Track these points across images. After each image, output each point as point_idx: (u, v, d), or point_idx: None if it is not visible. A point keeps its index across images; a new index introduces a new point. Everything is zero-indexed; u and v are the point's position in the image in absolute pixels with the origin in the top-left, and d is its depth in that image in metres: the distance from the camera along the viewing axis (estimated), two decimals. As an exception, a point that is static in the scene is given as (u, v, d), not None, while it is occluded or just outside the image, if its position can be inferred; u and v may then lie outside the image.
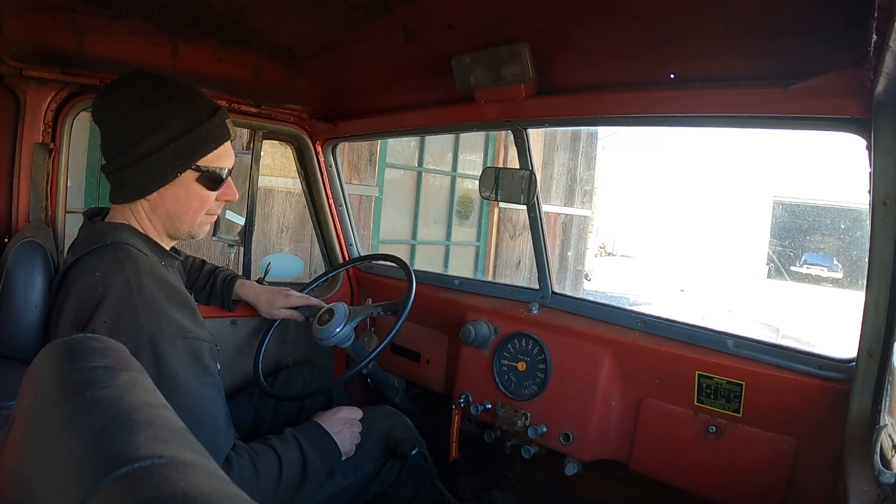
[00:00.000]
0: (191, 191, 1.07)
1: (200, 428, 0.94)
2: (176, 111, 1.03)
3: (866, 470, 0.78)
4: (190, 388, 0.94)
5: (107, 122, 1.04)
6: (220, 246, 3.25)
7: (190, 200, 1.07)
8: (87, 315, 0.94)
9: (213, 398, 0.99)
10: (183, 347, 0.95)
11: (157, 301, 0.96)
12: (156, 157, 1.01)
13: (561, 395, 1.36)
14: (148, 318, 0.93)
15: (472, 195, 5.74)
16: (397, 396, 1.59)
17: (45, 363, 0.52)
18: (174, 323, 0.95)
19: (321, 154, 1.89)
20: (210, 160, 1.07)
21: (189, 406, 0.93)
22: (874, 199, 0.89)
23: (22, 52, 1.24)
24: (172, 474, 0.34)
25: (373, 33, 1.18)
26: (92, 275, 0.97)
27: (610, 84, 1.22)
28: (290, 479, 1.07)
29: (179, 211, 1.08)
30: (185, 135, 1.02)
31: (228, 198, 1.14)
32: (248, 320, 1.69)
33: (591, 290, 9.00)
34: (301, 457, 1.10)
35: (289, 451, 1.09)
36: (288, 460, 1.08)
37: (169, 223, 1.09)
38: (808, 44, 0.91)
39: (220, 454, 0.97)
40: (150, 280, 0.98)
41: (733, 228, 14.40)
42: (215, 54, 1.32)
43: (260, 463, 1.04)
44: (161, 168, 1.03)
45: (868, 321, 0.93)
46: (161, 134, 1.01)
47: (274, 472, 1.05)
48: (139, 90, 1.02)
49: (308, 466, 1.10)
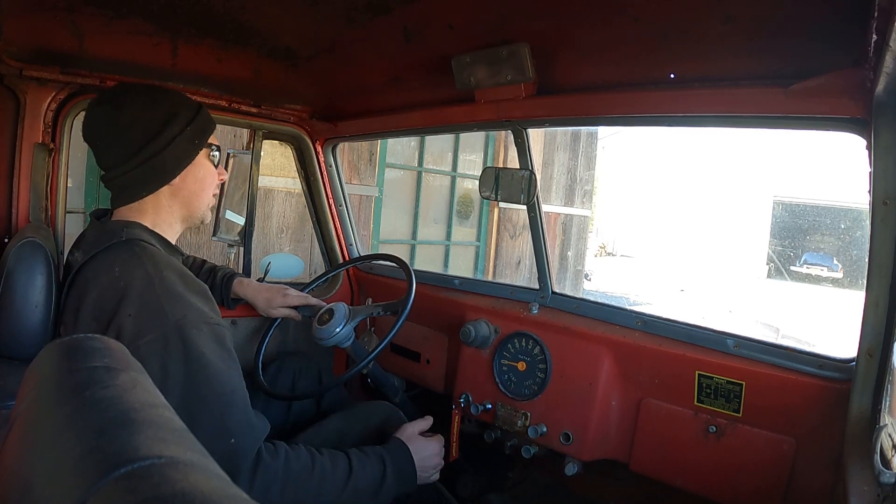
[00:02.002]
0: (205, 168, 1.16)
1: (232, 409, 0.95)
2: (178, 102, 1.12)
3: (866, 470, 0.78)
4: (219, 369, 0.95)
5: (118, 126, 1.06)
6: (220, 246, 3.25)
7: (206, 178, 1.16)
8: (110, 310, 0.95)
9: (241, 381, 1.00)
10: (208, 332, 0.96)
11: (179, 290, 0.98)
12: (180, 139, 1.09)
13: (561, 395, 1.36)
14: (172, 307, 0.95)
15: (472, 195, 5.74)
16: (397, 396, 1.59)
17: (45, 363, 0.52)
18: (197, 309, 0.97)
19: (321, 154, 1.89)
20: (212, 140, 1.17)
21: (220, 387, 0.95)
22: (874, 199, 0.89)
23: (22, 52, 1.24)
24: (172, 474, 0.34)
25: (373, 33, 1.18)
26: (111, 271, 0.99)
27: (610, 84, 1.22)
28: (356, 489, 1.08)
29: (198, 190, 1.16)
30: (195, 117, 1.12)
31: (223, 177, 1.25)
32: (247, 320, 1.69)
33: (592, 289, 9.00)
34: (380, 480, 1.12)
35: (367, 467, 1.11)
36: (363, 476, 1.09)
37: (188, 206, 1.15)
38: (808, 44, 0.91)
39: (254, 436, 0.98)
40: (169, 271, 1.00)
41: (733, 228, 14.39)
42: (215, 54, 1.32)
43: (321, 461, 1.05)
44: (186, 148, 1.11)
45: (868, 321, 0.93)
46: (179, 120, 1.10)
47: (341, 475, 1.06)
48: (138, 92, 1.10)
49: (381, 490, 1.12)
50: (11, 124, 1.30)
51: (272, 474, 0.99)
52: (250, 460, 0.96)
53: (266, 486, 0.97)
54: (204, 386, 0.93)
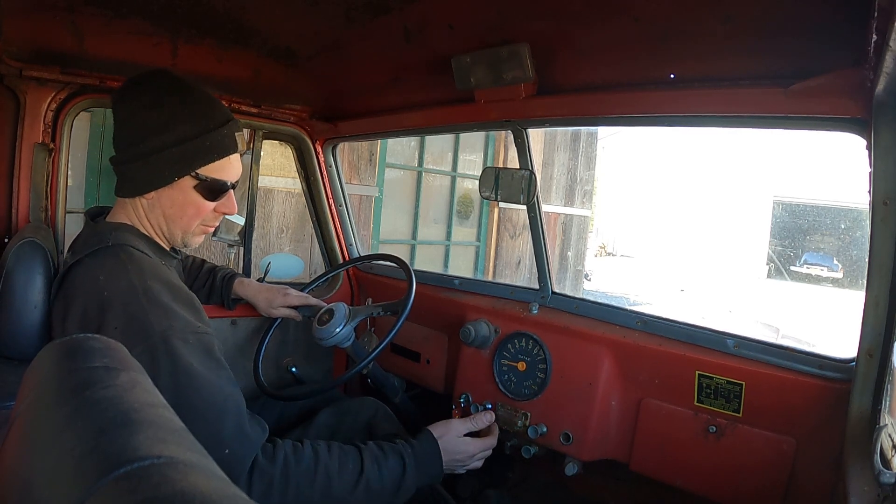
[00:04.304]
0: (188, 197, 1.07)
1: (225, 418, 0.94)
2: (185, 116, 1.03)
3: (866, 470, 0.78)
4: (208, 380, 0.94)
5: (121, 115, 1.05)
6: (220, 246, 3.25)
7: (186, 206, 1.08)
8: (95, 320, 0.94)
9: (233, 390, 0.97)
10: (195, 342, 0.95)
11: (164, 300, 0.96)
12: (157, 158, 1.02)
13: (561, 395, 1.36)
14: (157, 318, 0.93)
15: (472, 195, 5.74)
16: (397, 396, 1.59)
17: (45, 363, 0.52)
18: (183, 319, 0.96)
19: (321, 154, 1.89)
20: (212, 170, 1.07)
21: (210, 398, 0.93)
22: (874, 199, 0.89)
23: (22, 52, 1.24)
24: (172, 474, 0.35)
25: (373, 33, 1.18)
26: (95, 278, 0.97)
27: (610, 84, 1.22)
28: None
29: (174, 215, 1.08)
30: (189, 141, 1.03)
31: (227, 210, 1.14)
32: (248, 320, 1.69)
33: (592, 290, 9.00)
34: (400, 479, 1.09)
35: (386, 465, 1.08)
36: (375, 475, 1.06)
37: (164, 225, 1.10)
38: (808, 44, 0.91)
39: (250, 443, 0.96)
40: (154, 281, 0.98)
41: (733, 228, 14.39)
42: (215, 54, 1.32)
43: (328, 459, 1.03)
44: (160, 169, 1.03)
45: (868, 321, 0.93)
46: (166, 136, 1.02)
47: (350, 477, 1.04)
48: (155, 89, 1.04)
49: (401, 488, 1.09)
50: (11, 124, 1.30)
51: (268, 481, 0.97)
52: (246, 469, 0.95)
53: (263, 493, 0.95)
54: (194, 396, 0.92)
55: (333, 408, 1.38)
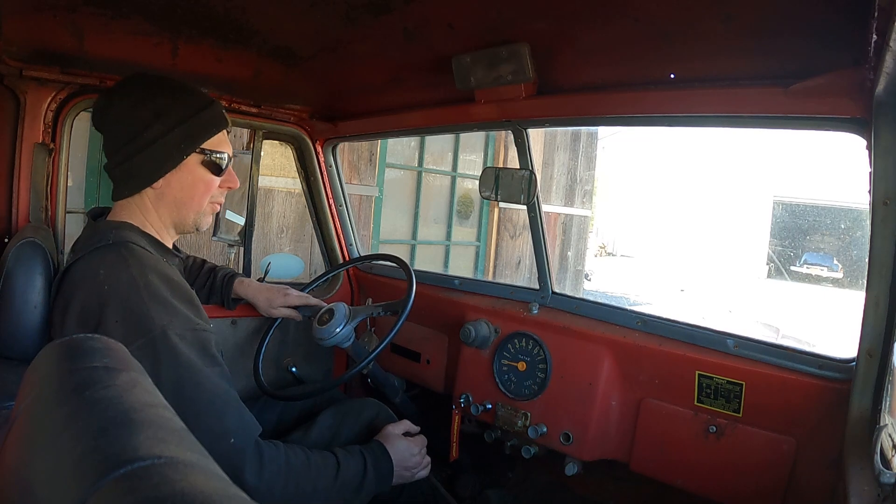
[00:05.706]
0: (196, 175, 1.10)
1: (228, 409, 0.97)
2: (178, 100, 1.08)
3: (866, 470, 0.78)
4: (207, 374, 0.96)
5: (111, 119, 1.07)
6: (221, 246, 3.26)
7: (196, 185, 1.11)
8: (95, 315, 0.95)
9: (229, 383, 1.00)
10: (192, 339, 0.97)
11: (164, 295, 0.97)
12: (163, 142, 1.05)
13: (561, 395, 1.36)
14: (158, 313, 0.95)
15: (472, 195, 5.74)
16: (397, 396, 1.59)
17: (45, 363, 0.52)
18: (182, 315, 0.97)
19: (321, 154, 1.89)
20: (212, 144, 1.11)
21: (211, 389, 0.96)
22: (874, 199, 0.89)
23: (22, 52, 1.24)
24: (172, 474, 0.34)
25: (373, 33, 1.18)
26: (96, 274, 0.98)
27: (610, 84, 1.22)
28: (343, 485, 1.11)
29: (186, 197, 1.11)
30: (189, 119, 1.07)
31: (231, 185, 1.18)
32: (248, 320, 1.69)
33: (592, 290, 9.00)
34: (362, 474, 1.15)
35: (351, 463, 1.14)
36: (347, 469, 1.12)
37: (176, 212, 1.12)
38: (808, 44, 0.91)
39: (250, 432, 0.99)
40: (154, 276, 0.99)
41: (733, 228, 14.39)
42: (215, 54, 1.32)
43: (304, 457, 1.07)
44: (168, 152, 1.06)
45: (868, 321, 0.93)
46: (166, 120, 1.05)
47: (330, 471, 1.10)
48: (140, 86, 1.07)
49: (363, 487, 1.15)
50: (11, 124, 1.30)
51: (277, 465, 1.01)
52: (252, 454, 0.98)
53: (274, 477, 0.99)
54: (196, 391, 0.94)
55: (335, 409, 1.38)
